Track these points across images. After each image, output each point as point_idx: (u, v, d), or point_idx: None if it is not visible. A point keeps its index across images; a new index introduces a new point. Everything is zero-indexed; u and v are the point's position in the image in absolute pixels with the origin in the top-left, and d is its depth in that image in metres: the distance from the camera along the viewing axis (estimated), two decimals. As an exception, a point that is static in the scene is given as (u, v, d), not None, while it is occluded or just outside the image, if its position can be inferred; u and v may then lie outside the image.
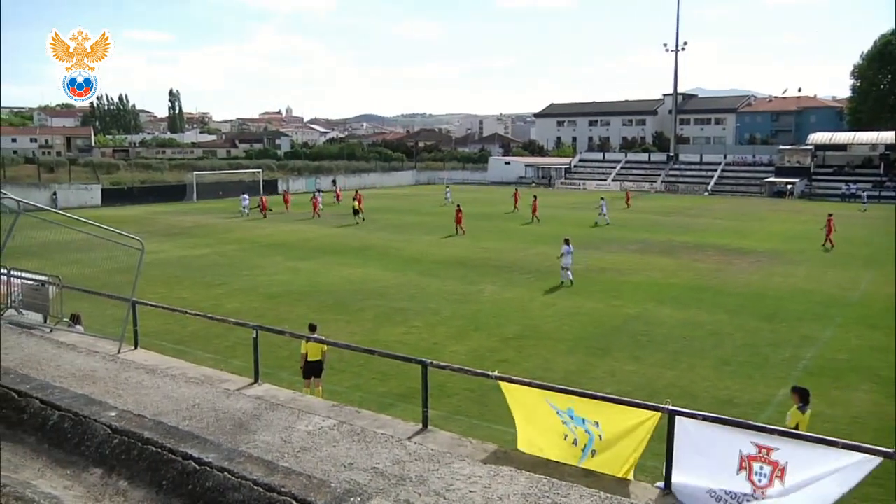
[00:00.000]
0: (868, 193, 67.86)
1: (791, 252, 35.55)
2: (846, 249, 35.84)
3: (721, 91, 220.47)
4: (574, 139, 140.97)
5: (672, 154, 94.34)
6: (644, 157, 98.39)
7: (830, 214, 38.87)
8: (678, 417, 7.70)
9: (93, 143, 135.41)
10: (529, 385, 9.03)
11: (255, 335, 11.03)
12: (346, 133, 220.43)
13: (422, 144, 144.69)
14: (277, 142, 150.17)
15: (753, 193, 78.26)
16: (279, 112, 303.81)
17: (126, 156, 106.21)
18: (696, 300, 24.39)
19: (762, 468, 7.08)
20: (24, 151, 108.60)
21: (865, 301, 24.46)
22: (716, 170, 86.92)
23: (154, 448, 5.39)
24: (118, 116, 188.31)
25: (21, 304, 14.16)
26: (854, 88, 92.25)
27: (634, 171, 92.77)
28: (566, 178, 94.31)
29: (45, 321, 13.72)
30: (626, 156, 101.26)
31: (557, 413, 8.48)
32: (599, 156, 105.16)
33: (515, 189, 62.74)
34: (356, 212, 49.28)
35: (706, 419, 7.77)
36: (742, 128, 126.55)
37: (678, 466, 7.69)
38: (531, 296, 24.93)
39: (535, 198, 52.18)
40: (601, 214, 49.00)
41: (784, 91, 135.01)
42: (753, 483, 7.14)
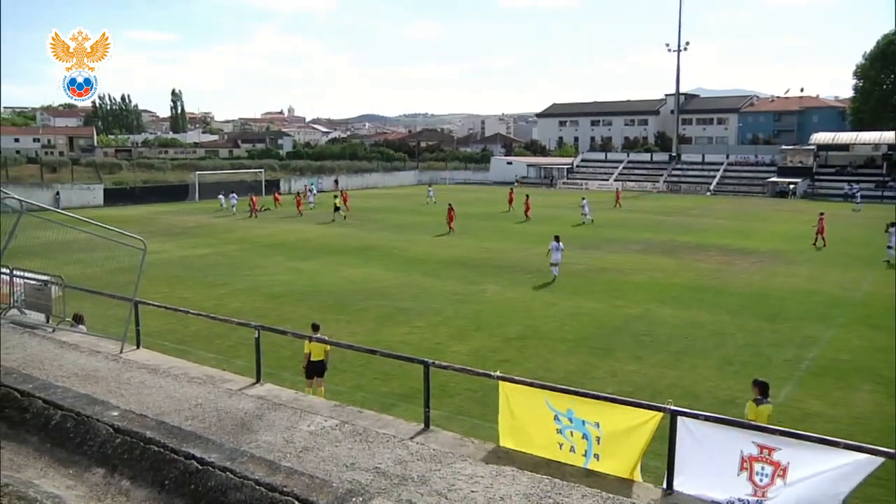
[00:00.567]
0: (863, 193, 67.61)
1: (793, 252, 35.52)
2: (847, 250, 35.80)
3: (723, 91, 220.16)
4: (576, 139, 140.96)
5: (674, 154, 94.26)
6: (646, 157, 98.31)
7: (822, 213, 39.30)
8: (680, 417, 7.70)
9: (95, 143, 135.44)
10: (531, 385, 9.02)
11: (258, 335, 11.04)
12: (349, 133, 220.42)
13: (424, 144, 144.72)
14: (280, 142, 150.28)
15: (756, 193, 78.20)
16: (281, 112, 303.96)
17: (128, 156, 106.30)
18: (698, 300, 24.37)
19: (763, 468, 7.08)
20: (27, 151, 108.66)
21: (867, 301, 24.43)
22: (718, 170, 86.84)
23: (156, 448, 5.40)
24: (121, 116, 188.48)
25: (24, 304, 14.18)
26: (857, 88, 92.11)
27: (637, 171, 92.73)
28: (568, 178, 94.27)
29: (48, 321, 13.74)
30: (629, 156, 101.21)
31: (556, 417, 8.46)
32: (601, 156, 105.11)
33: (511, 189, 62.90)
34: (337, 208, 51.23)
35: (708, 419, 7.77)
36: (744, 128, 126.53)
37: (680, 467, 7.69)
38: (533, 296, 24.92)
39: (528, 197, 52.99)
40: (583, 214, 49.69)
41: (786, 91, 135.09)
42: (755, 483, 7.13)
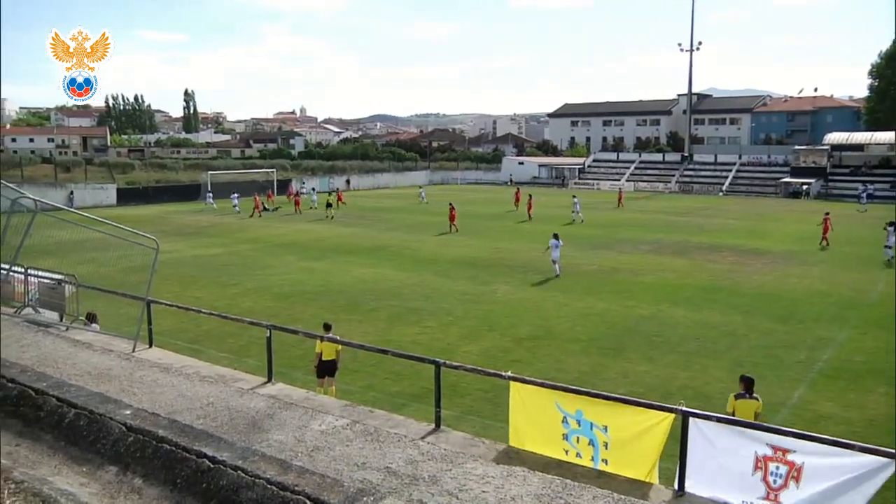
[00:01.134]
0: (877, 193, 67.09)
1: (806, 253, 35.33)
2: (859, 251, 35.56)
3: (736, 91, 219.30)
4: (588, 139, 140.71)
5: (686, 154, 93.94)
6: (658, 158, 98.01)
7: (827, 213, 39.33)
8: (692, 419, 7.68)
9: (108, 143, 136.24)
10: (542, 385, 9.02)
11: (269, 334, 11.09)
12: (360, 133, 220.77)
13: (435, 144, 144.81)
14: (291, 142, 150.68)
15: (768, 194, 77.82)
16: (293, 112, 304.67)
17: (141, 155, 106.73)
18: (710, 301, 24.27)
19: (778, 468, 7.04)
20: (42, 151, 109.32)
21: (882, 303, 24.25)
22: (730, 170, 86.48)
23: (168, 446, 5.42)
24: (134, 116, 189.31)
25: (38, 303, 14.30)
26: (872, 88, 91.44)
27: (648, 172, 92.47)
28: (580, 179, 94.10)
29: (62, 319, 13.84)
30: (640, 156, 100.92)
31: (564, 420, 8.44)
32: (613, 156, 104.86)
33: (517, 189, 63.04)
34: (329, 205, 52.90)
35: (720, 421, 7.74)
36: (757, 128, 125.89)
37: (692, 468, 7.66)
38: (544, 296, 24.89)
39: (531, 197, 53.56)
40: (574, 213, 50.17)
41: (800, 91, 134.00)
42: (768, 485, 7.09)
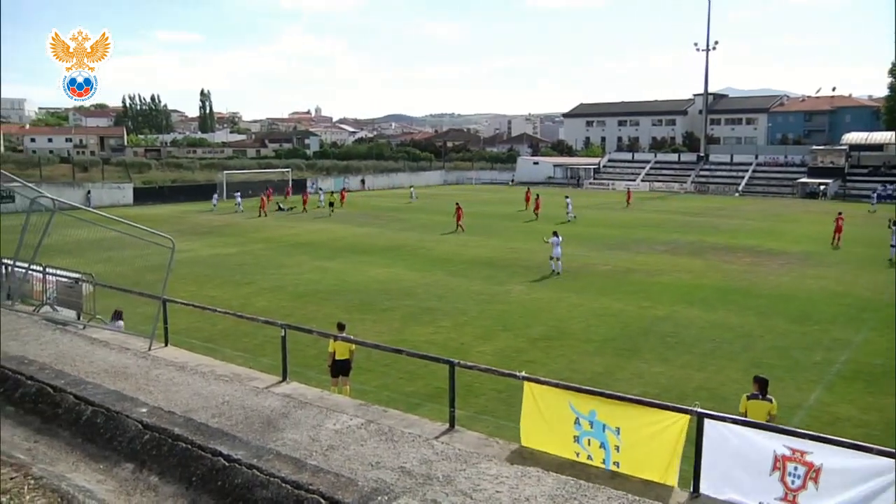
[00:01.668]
0: (878, 194, 66.24)
1: (822, 254, 35.07)
2: (874, 252, 35.21)
3: (752, 91, 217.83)
4: (603, 139, 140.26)
5: (702, 154, 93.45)
6: (674, 158, 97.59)
7: (840, 213, 39.23)
8: (707, 420, 7.64)
9: (125, 143, 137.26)
10: (556, 386, 9.01)
11: (284, 334, 11.13)
12: (375, 133, 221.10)
13: (450, 144, 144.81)
14: (306, 141, 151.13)
15: (785, 194, 77.26)
16: (308, 112, 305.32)
17: (157, 155, 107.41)
18: (726, 302, 24.14)
19: (796, 469, 6.99)
20: (60, 151, 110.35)
21: (900, 304, 24.02)
22: (747, 170, 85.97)
23: (184, 444, 5.45)
24: (150, 116, 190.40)
25: (56, 301, 14.43)
26: (892, 87, 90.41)
27: (664, 172, 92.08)
28: (595, 179, 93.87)
29: (79, 318, 13.95)
30: (656, 156, 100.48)
31: (577, 421, 8.42)
32: (629, 156, 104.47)
33: (527, 189, 63.18)
34: (331, 204, 55.81)
35: (735, 422, 7.70)
36: (774, 128, 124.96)
37: (707, 469, 7.62)
38: (559, 296, 24.83)
39: (538, 196, 54.07)
40: (567, 212, 50.86)
41: (818, 91, 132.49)
42: (786, 485, 7.04)
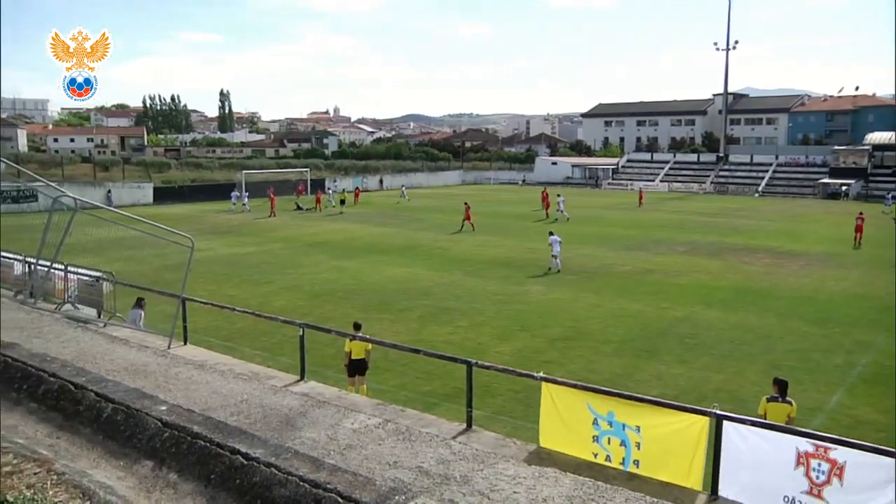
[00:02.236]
0: (893, 195, 65.31)
1: (843, 255, 34.74)
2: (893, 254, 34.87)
3: (773, 91, 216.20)
4: (622, 139, 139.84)
5: (722, 155, 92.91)
6: (693, 158, 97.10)
7: (861, 213, 38.85)
8: (726, 422, 7.60)
9: (145, 143, 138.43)
10: (574, 387, 8.99)
11: (302, 333, 11.18)
12: (393, 133, 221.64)
13: (468, 144, 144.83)
14: (325, 141, 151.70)
15: (806, 195, 76.57)
16: (327, 112, 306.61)
17: (177, 155, 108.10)
18: (745, 303, 23.97)
19: (820, 465, 6.95)
20: (82, 151, 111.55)
21: (923, 306, 23.75)
22: (767, 171, 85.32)
23: (203, 442, 5.50)
24: (170, 116, 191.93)
25: (77, 299, 14.57)
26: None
27: (683, 172, 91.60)
28: (613, 179, 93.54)
29: (99, 316, 14.08)
30: (675, 156, 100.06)
31: (595, 422, 8.41)
32: (647, 156, 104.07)
33: (544, 189, 63.29)
34: (342, 201, 57.97)
35: (754, 425, 7.65)
36: (795, 128, 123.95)
37: (727, 472, 7.58)
38: (577, 297, 24.76)
39: (547, 195, 54.43)
40: (559, 211, 50.91)
41: (840, 90, 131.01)
42: (811, 480, 6.98)
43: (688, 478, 7.96)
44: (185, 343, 12.61)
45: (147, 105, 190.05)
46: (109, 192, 58.77)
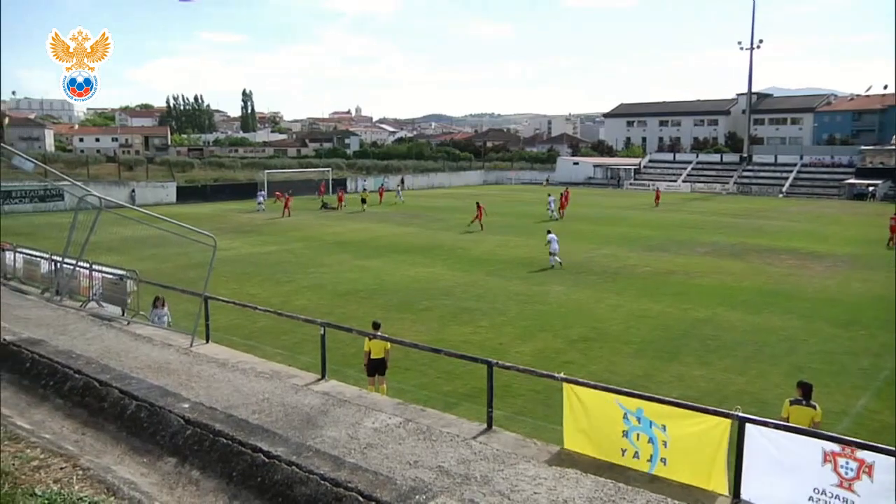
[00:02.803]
0: None
1: (870, 257, 34.30)
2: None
3: (798, 90, 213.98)
4: (644, 139, 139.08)
5: (745, 155, 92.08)
6: (716, 158, 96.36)
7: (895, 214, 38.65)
8: (749, 424, 7.53)
9: (169, 143, 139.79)
10: (595, 388, 8.96)
11: (323, 332, 11.21)
12: (415, 133, 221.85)
13: (490, 144, 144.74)
14: (347, 141, 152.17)
15: (831, 196, 75.65)
16: (349, 112, 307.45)
17: (200, 154, 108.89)
18: (769, 305, 23.74)
19: (847, 463, 6.86)
20: (107, 150, 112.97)
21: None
22: (791, 171, 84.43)
23: (225, 440, 5.54)
24: (193, 116, 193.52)
25: (101, 297, 14.73)
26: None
27: (706, 173, 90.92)
28: (635, 179, 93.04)
29: (123, 314, 14.23)
30: (698, 156, 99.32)
31: (625, 416, 8.37)
32: (670, 156, 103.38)
33: (566, 189, 63.21)
34: (363, 200, 58.74)
35: (777, 428, 7.58)
36: (820, 128, 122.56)
37: (749, 474, 7.52)
38: (598, 297, 24.66)
39: (562, 195, 54.54)
40: (549, 210, 51.31)
41: (868, 89, 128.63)
42: (840, 475, 6.90)
43: (710, 480, 7.91)
44: (208, 341, 12.69)
45: (171, 105, 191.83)
46: (133, 192, 59.34)
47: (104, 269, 15.19)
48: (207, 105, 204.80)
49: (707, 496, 7.91)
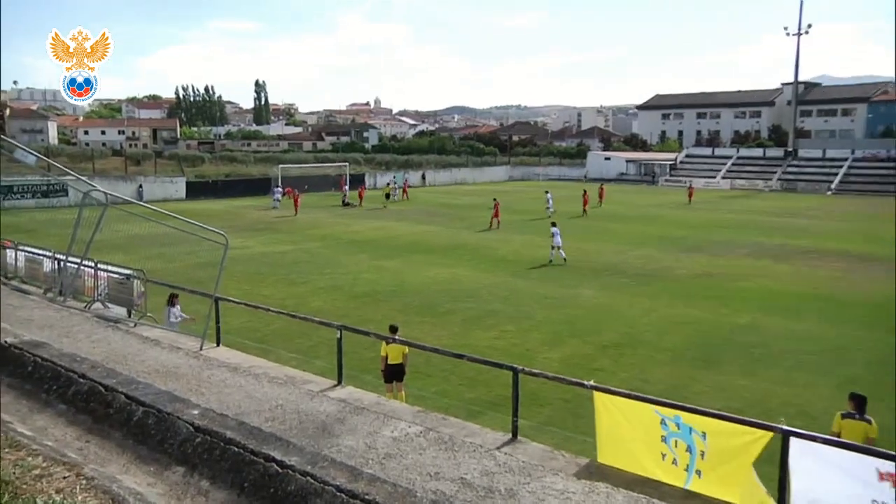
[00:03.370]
0: None
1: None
2: None
3: (851, 79, 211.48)
4: (680, 133, 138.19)
5: (790, 149, 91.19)
6: (758, 153, 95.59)
7: None
8: (794, 438, 7.43)
9: (178, 136, 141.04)
10: (628, 397, 8.91)
11: (339, 335, 11.25)
12: (437, 126, 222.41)
13: (516, 138, 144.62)
14: (365, 134, 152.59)
15: (887, 193, 74.37)
16: (367, 104, 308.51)
17: (211, 148, 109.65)
18: (815, 310, 23.49)
19: None
20: (113, 143, 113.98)
21: None
22: (841, 166, 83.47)
23: (236, 448, 5.57)
24: (204, 108, 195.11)
25: (107, 298, 14.87)
26: None
27: (747, 168, 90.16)
28: (671, 175, 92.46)
29: (130, 315, 14.36)
30: (738, 151, 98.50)
31: (662, 422, 8.31)
32: (708, 151, 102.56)
33: (601, 185, 62.85)
34: (387, 195, 60.41)
35: (826, 443, 7.46)
36: (875, 119, 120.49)
37: (796, 492, 7.41)
38: (631, 301, 24.54)
39: (585, 192, 54.62)
40: (547, 207, 51.41)
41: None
42: None
43: (750, 498, 7.81)
44: (218, 344, 12.78)
45: (180, 96, 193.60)
46: (141, 187, 59.89)
47: (110, 269, 15.34)
48: (219, 96, 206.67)
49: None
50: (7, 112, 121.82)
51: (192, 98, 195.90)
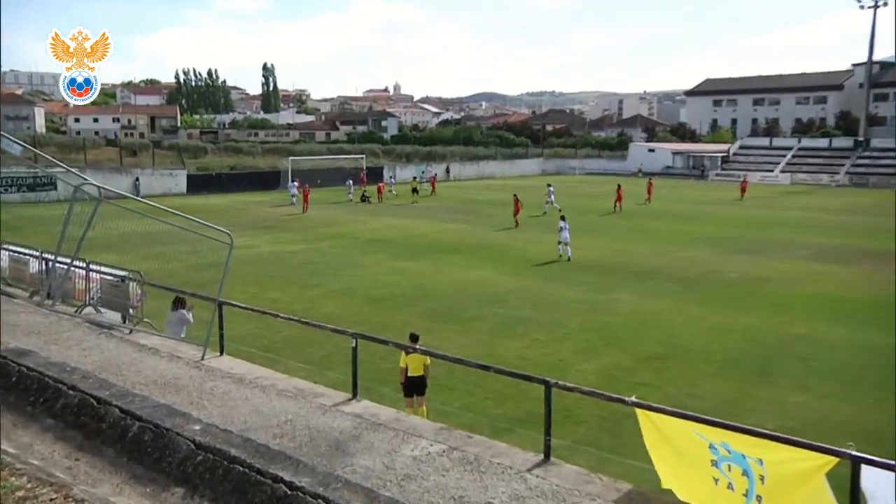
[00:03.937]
0: None
1: None
2: None
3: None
4: (734, 122, 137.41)
5: (861, 139, 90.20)
6: (823, 143, 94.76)
7: None
8: (865, 466, 7.30)
9: (178, 124, 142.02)
10: (673, 414, 8.85)
11: (355, 344, 11.25)
12: (463, 114, 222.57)
13: (550, 128, 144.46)
14: (384, 123, 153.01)
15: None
16: (386, 90, 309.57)
17: (214, 138, 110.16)
18: (883, 319, 23.19)
19: None
20: (106, 132, 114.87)
21: None
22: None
23: (241, 468, 5.60)
24: (206, 94, 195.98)
25: (99, 302, 14.94)
26: None
27: (810, 161, 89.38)
28: (723, 169, 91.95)
29: (125, 321, 14.42)
30: (800, 141, 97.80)
31: (710, 447, 8.23)
32: (765, 142, 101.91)
33: (649, 180, 62.47)
34: (415, 190, 62.00)
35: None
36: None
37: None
38: (676, 308, 24.41)
39: (619, 186, 54.71)
40: (548, 202, 52.50)
41: None
42: None
43: None
44: (222, 353, 12.84)
45: (181, 81, 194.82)
46: (137, 181, 60.45)
47: (103, 270, 15.40)
48: (223, 81, 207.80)
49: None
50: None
51: (194, 83, 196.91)
